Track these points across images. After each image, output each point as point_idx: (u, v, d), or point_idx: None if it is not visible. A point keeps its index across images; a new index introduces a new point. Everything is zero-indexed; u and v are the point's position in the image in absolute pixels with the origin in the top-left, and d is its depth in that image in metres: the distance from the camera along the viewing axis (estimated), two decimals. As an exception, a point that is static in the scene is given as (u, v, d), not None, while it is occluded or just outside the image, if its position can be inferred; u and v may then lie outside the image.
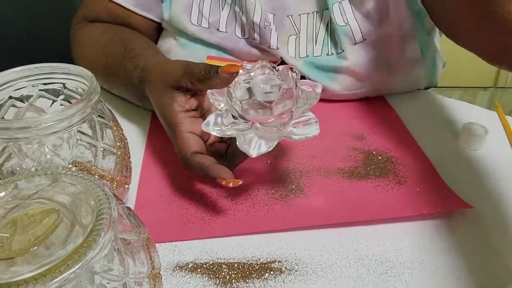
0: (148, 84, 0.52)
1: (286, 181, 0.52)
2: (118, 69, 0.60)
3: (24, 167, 0.38)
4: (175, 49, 0.68)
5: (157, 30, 0.73)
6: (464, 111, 0.67)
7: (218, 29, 0.66)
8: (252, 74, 0.45)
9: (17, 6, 0.92)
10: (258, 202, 0.49)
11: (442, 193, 0.51)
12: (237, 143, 0.44)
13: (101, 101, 0.43)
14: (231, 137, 0.48)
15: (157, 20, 0.70)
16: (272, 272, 0.42)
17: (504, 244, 0.45)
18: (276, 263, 0.43)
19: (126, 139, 0.46)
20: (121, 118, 0.50)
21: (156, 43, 0.72)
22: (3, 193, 0.30)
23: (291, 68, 0.45)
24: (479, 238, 0.46)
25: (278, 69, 0.46)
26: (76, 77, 0.42)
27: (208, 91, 0.47)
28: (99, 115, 0.41)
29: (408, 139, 0.60)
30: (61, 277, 0.24)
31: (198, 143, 0.48)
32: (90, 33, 0.68)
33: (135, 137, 0.60)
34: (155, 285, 0.32)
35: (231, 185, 0.44)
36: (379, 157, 0.56)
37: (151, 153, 0.57)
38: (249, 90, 0.45)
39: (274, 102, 0.43)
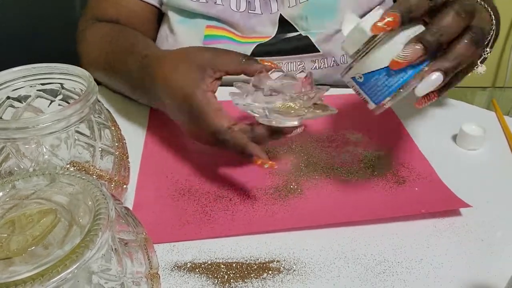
0: (160, 67, 0.53)
1: (285, 181, 0.52)
2: (120, 60, 0.62)
3: (22, 167, 0.38)
4: (176, 26, 0.70)
5: (158, 18, 0.76)
6: (462, 111, 0.67)
7: (215, 3, 0.68)
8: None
9: (17, 6, 0.92)
10: (257, 202, 0.49)
11: (440, 192, 0.51)
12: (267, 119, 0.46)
13: (99, 101, 0.43)
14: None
15: (157, 5, 0.73)
16: (270, 272, 0.42)
17: (502, 243, 0.45)
18: (275, 262, 0.43)
19: (124, 139, 0.46)
20: (119, 118, 0.51)
21: (157, 31, 0.76)
22: (0, 193, 0.30)
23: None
24: (477, 237, 0.46)
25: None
26: (74, 77, 0.42)
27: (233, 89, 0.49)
28: (97, 115, 0.41)
29: (406, 139, 0.60)
30: (58, 277, 0.24)
31: (229, 119, 0.48)
32: (96, 31, 0.70)
33: (133, 137, 0.60)
34: (153, 285, 0.32)
35: (266, 166, 0.44)
36: (378, 157, 0.56)
37: (149, 153, 0.57)
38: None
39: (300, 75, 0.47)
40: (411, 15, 0.39)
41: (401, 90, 0.40)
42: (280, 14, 0.69)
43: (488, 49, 0.52)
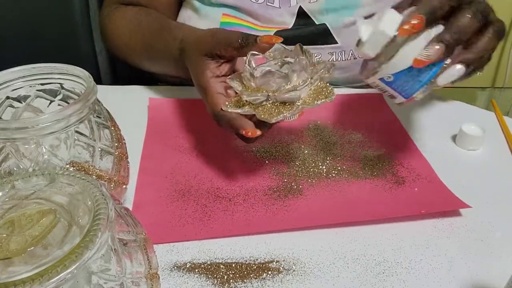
0: (186, 54, 0.56)
1: (284, 181, 0.52)
2: (157, 42, 0.64)
3: (21, 167, 0.38)
4: (193, 14, 0.71)
5: (178, 5, 0.77)
6: (462, 111, 0.67)
7: None
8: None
9: (17, 6, 0.92)
10: (256, 203, 0.49)
11: (440, 193, 0.51)
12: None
13: (99, 101, 0.43)
14: None
15: None
16: (270, 272, 0.42)
17: (501, 243, 0.45)
18: (274, 263, 0.43)
19: (124, 139, 0.46)
20: (119, 118, 0.51)
21: (176, 16, 0.77)
22: (0, 194, 0.30)
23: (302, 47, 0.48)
24: (476, 237, 0.46)
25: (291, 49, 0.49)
26: (73, 78, 0.42)
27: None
28: (96, 115, 0.41)
29: (406, 139, 0.60)
30: (58, 277, 0.24)
31: (225, 102, 0.50)
32: (123, 15, 0.72)
33: (133, 137, 0.60)
34: (152, 285, 0.32)
35: (249, 134, 0.46)
36: (377, 157, 0.56)
37: (149, 153, 0.57)
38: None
39: (289, 70, 0.45)
40: (434, 16, 0.42)
41: (428, 85, 0.45)
42: (300, 7, 0.69)
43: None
